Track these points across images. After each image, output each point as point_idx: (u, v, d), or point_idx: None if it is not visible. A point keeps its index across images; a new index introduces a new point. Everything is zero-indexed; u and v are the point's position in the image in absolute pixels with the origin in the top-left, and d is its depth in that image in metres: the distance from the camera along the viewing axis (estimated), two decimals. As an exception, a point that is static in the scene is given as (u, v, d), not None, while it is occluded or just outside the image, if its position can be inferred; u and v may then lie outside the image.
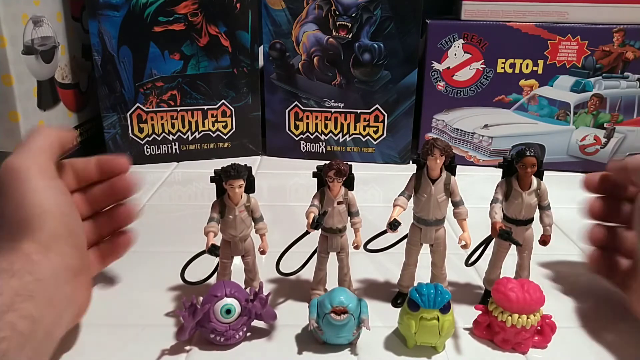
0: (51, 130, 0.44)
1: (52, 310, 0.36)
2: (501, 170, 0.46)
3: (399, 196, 0.45)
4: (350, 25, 0.78)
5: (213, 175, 0.44)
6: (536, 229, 0.46)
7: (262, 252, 0.45)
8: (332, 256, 0.47)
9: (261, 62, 0.83)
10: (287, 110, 0.84)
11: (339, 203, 0.44)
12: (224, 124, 0.85)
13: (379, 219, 0.51)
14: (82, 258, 0.41)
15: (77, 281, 0.39)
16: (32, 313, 0.33)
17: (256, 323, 0.43)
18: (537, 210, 0.45)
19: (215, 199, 0.45)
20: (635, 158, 0.47)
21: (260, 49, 0.83)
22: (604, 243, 0.50)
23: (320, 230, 0.45)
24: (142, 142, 0.83)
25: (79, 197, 0.47)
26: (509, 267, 0.47)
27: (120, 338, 0.43)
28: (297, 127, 0.85)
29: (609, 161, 0.50)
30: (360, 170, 0.48)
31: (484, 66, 0.79)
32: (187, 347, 0.42)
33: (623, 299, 0.48)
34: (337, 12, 0.78)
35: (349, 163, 0.44)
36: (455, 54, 0.79)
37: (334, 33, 0.79)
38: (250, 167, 0.44)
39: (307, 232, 0.46)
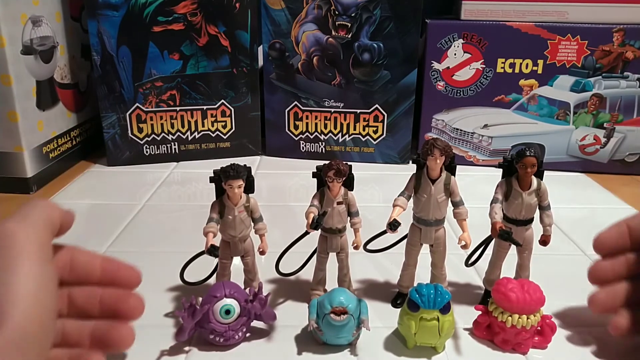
0: (54, 206, 0.37)
1: None
2: (501, 170, 0.46)
3: (398, 196, 0.45)
4: (349, 25, 0.78)
5: (212, 175, 0.44)
6: (536, 229, 0.46)
7: (262, 253, 0.45)
8: (332, 256, 0.47)
9: (261, 62, 0.83)
10: (286, 110, 0.84)
11: (338, 203, 0.44)
12: (223, 124, 0.85)
13: (379, 219, 0.51)
14: (46, 356, 0.33)
15: None
16: None
17: (256, 323, 0.43)
18: (537, 210, 0.45)
19: (214, 199, 0.45)
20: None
21: (260, 49, 0.82)
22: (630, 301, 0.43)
23: (320, 230, 0.45)
24: (142, 142, 0.83)
25: (67, 292, 0.39)
26: (509, 267, 0.47)
27: (120, 339, 0.43)
28: (296, 127, 0.85)
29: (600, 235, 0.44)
30: (360, 170, 0.48)
31: (484, 66, 0.79)
32: (187, 348, 0.42)
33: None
34: (337, 12, 0.77)
35: (349, 163, 0.44)
36: (455, 54, 0.79)
37: (333, 33, 0.79)
38: (250, 167, 0.44)
39: (306, 233, 0.46)
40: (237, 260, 0.46)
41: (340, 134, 0.84)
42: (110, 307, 0.39)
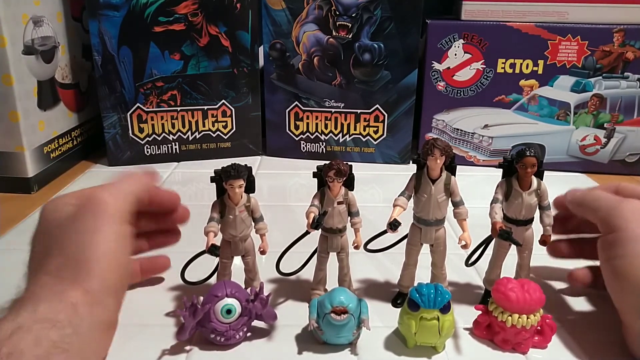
0: (144, 177, 0.44)
1: None
2: (501, 170, 0.46)
3: (399, 196, 0.45)
4: (350, 25, 0.78)
5: (213, 175, 0.44)
6: (536, 229, 0.46)
7: (262, 252, 0.45)
8: (332, 256, 0.47)
9: (261, 62, 0.83)
10: (287, 110, 0.84)
11: (339, 203, 0.44)
12: (224, 124, 0.85)
13: (379, 219, 0.51)
14: (118, 313, 0.39)
15: (107, 335, 0.38)
16: None
17: (256, 323, 0.43)
18: (537, 211, 0.45)
19: (215, 199, 0.45)
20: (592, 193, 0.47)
21: (261, 49, 0.83)
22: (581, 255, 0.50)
23: (320, 230, 0.45)
24: (142, 142, 0.83)
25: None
26: (509, 267, 0.47)
27: (120, 338, 0.43)
28: (297, 127, 0.85)
29: (568, 193, 0.49)
30: (360, 170, 0.48)
31: (484, 66, 0.79)
32: (188, 347, 0.42)
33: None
34: (337, 12, 0.78)
35: (349, 163, 0.44)
36: (455, 54, 0.79)
37: (334, 33, 0.79)
38: (250, 167, 0.44)
39: (307, 232, 0.46)
40: (237, 260, 0.46)
41: (340, 134, 0.84)
42: (166, 221, 0.48)
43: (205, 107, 0.83)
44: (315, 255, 0.48)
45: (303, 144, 0.86)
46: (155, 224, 0.49)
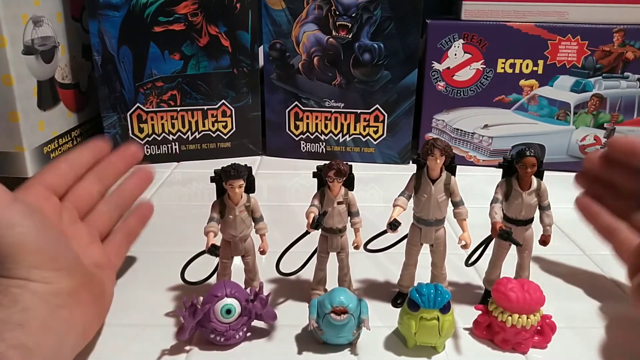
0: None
1: (50, 338, 0.34)
2: (501, 170, 0.46)
3: (399, 196, 0.45)
4: (350, 25, 0.78)
5: (213, 175, 0.44)
6: (536, 229, 0.46)
7: (262, 252, 0.45)
8: (332, 256, 0.47)
9: (261, 62, 0.83)
10: (287, 110, 0.84)
11: (339, 203, 0.44)
12: (224, 124, 0.85)
13: (379, 219, 0.51)
14: (76, 277, 0.38)
15: (76, 302, 0.37)
16: (24, 342, 0.32)
17: (256, 323, 0.43)
18: (537, 211, 0.45)
19: (215, 199, 0.45)
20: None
21: (260, 49, 0.83)
22: (610, 205, 0.49)
23: (320, 230, 0.45)
24: (142, 142, 0.83)
25: (88, 178, 0.48)
26: (509, 267, 0.47)
27: (120, 338, 0.43)
28: (297, 127, 0.85)
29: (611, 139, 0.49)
30: (360, 170, 0.48)
31: (484, 66, 0.79)
32: (187, 347, 0.42)
33: (622, 298, 0.48)
34: (337, 12, 0.78)
35: (349, 163, 0.44)
36: (455, 54, 0.79)
37: (334, 33, 0.79)
38: (250, 167, 0.44)
39: (307, 232, 0.46)
40: (237, 260, 0.46)
41: (340, 134, 0.84)
42: (121, 159, 0.51)
43: (205, 107, 0.83)
44: (315, 255, 0.48)
45: (303, 144, 0.86)
46: (115, 172, 0.51)
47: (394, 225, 0.43)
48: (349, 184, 0.45)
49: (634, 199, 0.48)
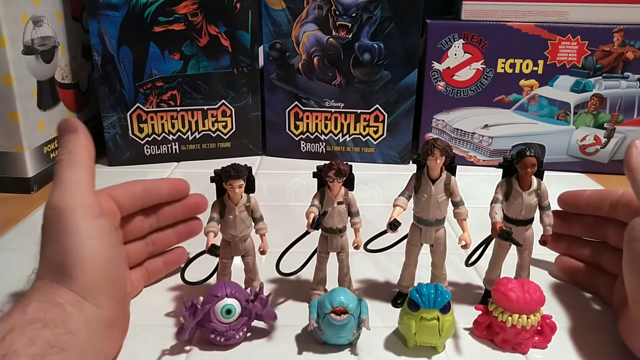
0: (77, 149, 0.40)
1: None
2: (501, 170, 0.46)
3: (399, 196, 0.45)
4: (350, 25, 0.78)
5: (213, 175, 0.44)
6: (536, 229, 0.46)
7: (262, 252, 0.45)
8: (332, 256, 0.47)
9: (261, 62, 0.83)
10: (287, 110, 0.84)
11: (339, 203, 0.44)
12: (224, 124, 0.85)
13: (379, 219, 0.51)
14: (119, 307, 0.39)
15: (110, 333, 0.38)
16: None
17: (256, 323, 0.43)
18: (537, 211, 0.45)
19: (215, 199, 0.45)
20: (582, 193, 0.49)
21: (260, 49, 0.83)
22: (580, 256, 0.51)
23: (320, 230, 0.45)
24: (142, 142, 0.83)
25: (141, 213, 0.47)
26: (509, 267, 0.47)
27: (121, 338, 0.43)
28: (297, 127, 0.85)
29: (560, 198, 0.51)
30: (360, 170, 0.48)
31: (484, 66, 0.79)
32: (187, 347, 0.42)
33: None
34: (337, 12, 0.78)
35: (349, 163, 0.44)
36: (455, 54, 0.79)
37: (334, 33, 0.79)
38: (250, 167, 0.44)
39: (307, 232, 0.46)
40: (237, 260, 0.46)
41: (340, 134, 0.84)
42: (183, 208, 0.49)
43: (205, 107, 0.83)
44: (315, 255, 0.48)
45: (303, 144, 0.86)
46: (173, 217, 0.49)
47: (394, 225, 0.43)
48: (349, 184, 0.45)
49: (596, 243, 0.50)
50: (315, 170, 0.45)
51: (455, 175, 0.45)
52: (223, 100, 0.83)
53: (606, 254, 0.48)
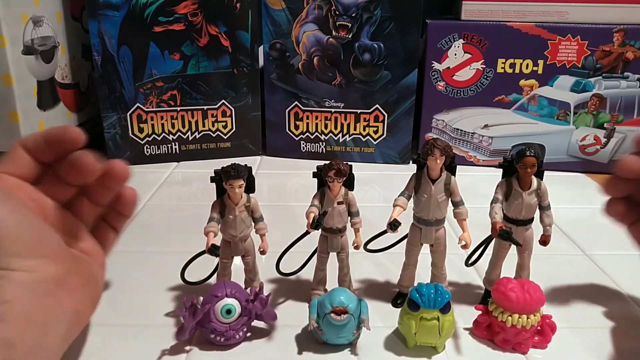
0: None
1: (35, 329, 0.33)
2: (501, 170, 0.46)
3: (399, 196, 0.45)
4: (350, 25, 0.78)
5: (213, 175, 0.44)
6: (536, 229, 0.46)
7: (262, 252, 0.45)
8: (332, 256, 0.47)
9: (261, 62, 0.83)
10: (287, 110, 0.84)
11: (339, 203, 0.44)
12: (224, 124, 0.85)
13: (379, 219, 0.51)
14: (61, 262, 0.37)
15: (63, 289, 0.36)
16: (7, 337, 0.31)
17: (256, 323, 0.43)
18: (537, 210, 0.45)
19: (215, 199, 0.45)
20: None
21: (260, 49, 0.83)
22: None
23: (320, 230, 0.45)
24: (142, 142, 0.83)
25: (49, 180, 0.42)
26: (509, 267, 0.47)
27: (120, 338, 0.43)
28: (297, 127, 0.85)
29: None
30: (360, 170, 0.48)
31: (484, 66, 0.79)
32: (187, 347, 0.42)
33: (622, 297, 0.48)
34: (337, 12, 0.78)
35: (349, 163, 0.44)
36: (455, 54, 0.79)
37: (334, 33, 0.79)
38: (250, 167, 0.44)
39: (307, 232, 0.46)
40: (237, 260, 0.46)
41: (340, 134, 0.84)
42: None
43: (205, 107, 0.83)
44: (315, 255, 0.48)
45: (303, 144, 0.86)
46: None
47: (394, 225, 0.43)
48: (349, 184, 0.45)
49: None
50: (315, 170, 0.45)
51: (455, 175, 0.45)
52: (223, 100, 0.83)
53: None
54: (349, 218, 0.45)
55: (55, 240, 0.38)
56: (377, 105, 0.82)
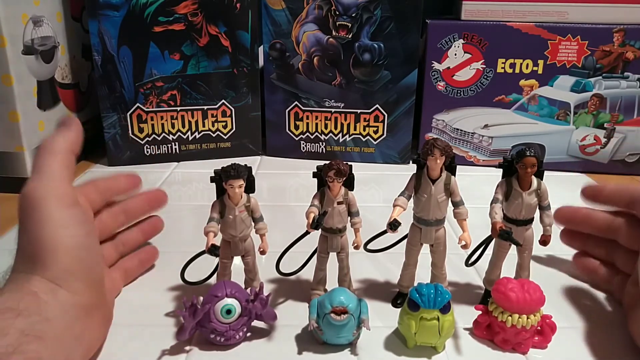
0: (60, 140, 0.41)
1: (63, 351, 0.34)
2: (501, 170, 0.46)
3: (399, 196, 0.45)
4: (350, 25, 0.78)
5: (213, 175, 0.44)
6: (536, 229, 0.46)
7: (262, 252, 0.45)
8: (332, 256, 0.47)
9: (261, 62, 0.83)
10: (287, 110, 0.84)
11: (339, 203, 0.44)
12: (224, 124, 0.85)
13: (379, 219, 0.51)
14: (97, 294, 0.39)
15: (89, 319, 0.37)
16: (41, 355, 0.32)
17: (256, 323, 0.43)
18: (537, 211, 0.45)
19: (215, 199, 0.45)
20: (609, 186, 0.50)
21: (260, 49, 0.83)
22: (596, 254, 0.51)
23: (320, 230, 0.45)
24: (142, 142, 0.83)
25: (108, 212, 0.47)
26: (509, 267, 0.47)
27: (121, 338, 0.43)
28: (297, 127, 0.85)
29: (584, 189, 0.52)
30: (360, 170, 0.48)
31: (484, 66, 0.79)
32: (187, 347, 0.42)
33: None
34: (337, 12, 0.78)
35: (349, 163, 0.44)
36: (455, 54, 0.79)
37: (334, 33, 0.79)
38: (250, 167, 0.44)
39: (307, 232, 0.46)
40: (237, 260, 0.46)
41: (340, 134, 0.84)
42: (147, 201, 0.51)
43: (205, 107, 0.83)
44: (315, 255, 0.48)
45: (303, 144, 0.86)
46: (138, 212, 0.51)
47: (394, 225, 0.43)
48: (349, 184, 0.45)
49: (609, 241, 0.50)
50: (315, 170, 0.45)
51: (455, 175, 0.45)
52: (223, 100, 0.83)
53: (618, 252, 0.48)
54: (349, 218, 0.45)
55: (101, 272, 0.40)
56: (377, 105, 0.82)
